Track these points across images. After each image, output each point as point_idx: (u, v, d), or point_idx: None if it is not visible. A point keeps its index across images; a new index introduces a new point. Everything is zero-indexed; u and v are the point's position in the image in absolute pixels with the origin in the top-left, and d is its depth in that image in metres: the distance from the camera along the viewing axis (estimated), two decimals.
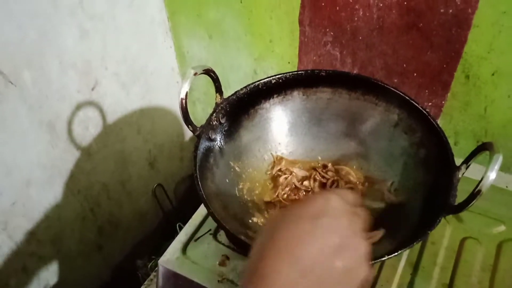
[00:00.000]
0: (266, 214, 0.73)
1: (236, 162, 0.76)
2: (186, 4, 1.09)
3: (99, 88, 1.03)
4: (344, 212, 0.41)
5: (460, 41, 0.77)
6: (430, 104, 0.88)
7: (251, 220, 0.71)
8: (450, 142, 0.64)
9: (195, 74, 0.64)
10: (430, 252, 0.72)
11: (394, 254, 0.53)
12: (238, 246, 0.75)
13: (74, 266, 1.13)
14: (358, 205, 0.45)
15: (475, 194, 0.51)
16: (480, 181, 0.51)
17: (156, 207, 1.38)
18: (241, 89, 0.74)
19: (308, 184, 0.77)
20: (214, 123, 0.71)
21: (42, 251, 1.03)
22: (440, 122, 0.89)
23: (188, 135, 1.44)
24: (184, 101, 0.64)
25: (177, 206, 1.46)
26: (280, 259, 0.38)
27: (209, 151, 0.70)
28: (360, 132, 0.78)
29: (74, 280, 1.15)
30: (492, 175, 0.50)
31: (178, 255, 0.75)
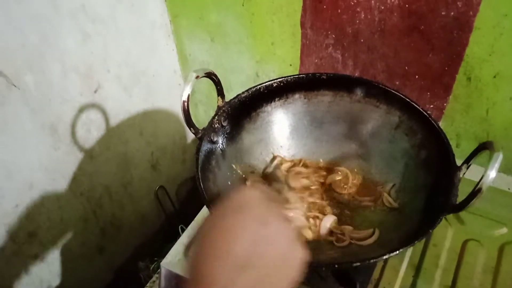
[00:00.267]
0: None
1: (238, 164, 0.76)
2: (188, 7, 1.10)
3: (101, 90, 1.03)
4: (262, 200, 0.42)
5: (462, 43, 0.77)
6: (431, 106, 0.88)
7: None
8: (452, 144, 0.64)
9: (197, 77, 0.65)
10: (432, 254, 0.72)
11: (395, 253, 0.53)
12: None
13: (76, 268, 1.14)
14: (274, 192, 0.46)
15: (476, 192, 0.52)
16: (481, 179, 0.51)
17: (158, 209, 1.39)
18: (242, 92, 0.75)
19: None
20: (216, 126, 0.72)
21: (44, 253, 1.03)
22: (441, 124, 0.89)
23: (190, 137, 1.44)
24: (186, 103, 0.64)
25: (179, 208, 1.46)
26: (214, 260, 0.38)
27: (211, 153, 0.70)
28: (361, 135, 0.78)
29: (76, 282, 1.15)
30: (492, 173, 0.51)
31: (180, 257, 0.76)
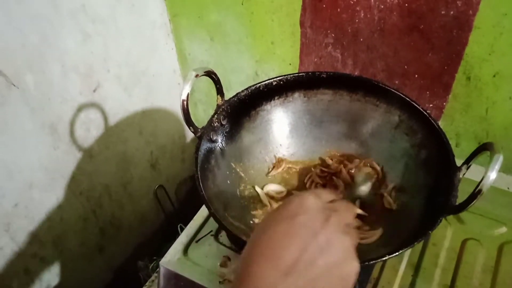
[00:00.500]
0: None
1: (237, 163, 0.76)
2: (188, 7, 1.10)
3: (101, 90, 1.03)
4: (320, 209, 0.41)
5: (461, 42, 0.77)
6: (431, 105, 0.88)
7: (252, 221, 0.71)
8: (452, 143, 0.64)
9: (197, 76, 0.65)
10: (431, 254, 0.73)
11: (395, 254, 0.53)
12: (239, 247, 0.75)
13: (76, 267, 1.14)
14: (336, 201, 0.45)
15: (476, 194, 0.51)
16: (481, 181, 0.51)
17: (158, 208, 1.39)
18: (242, 90, 0.74)
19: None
20: (215, 125, 0.72)
21: (44, 253, 1.03)
22: (441, 123, 0.89)
23: (190, 136, 1.44)
24: (185, 102, 0.64)
25: (178, 207, 1.46)
26: (262, 262, 0.38)
27: (210, 152, 0.70)
28: (361, 134, 0.78)
29: (76, 281, 1.15)
30: (492, 175, 0.50)
31: (179, 256, 0.76)
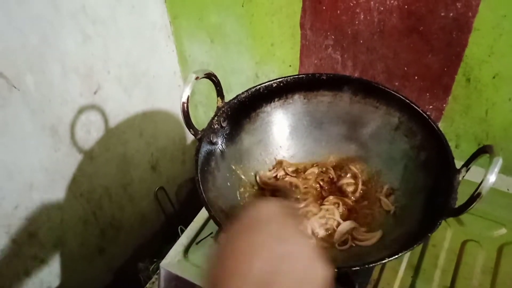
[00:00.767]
0: None
1: (237, 165, 0.76)
2: (188, 9, 1.10)
3: (101, 92, 1.03)
4: (279, 215, 0.41)
5: (461, 44, 0.77)
6: (431, 107, 0.88)
7: None
8: (451, 145, 0.64)
9: (197, 78, 0.65)
10: (431, 255, 0.73)
11: (394, 257, 0.53)
12: None
13: (76, 269, 1.14)
14: (292, 206, 0.44)
15: (475, 197, 0.52)
16: (480, 184, 0.51)
17: (158, 210, 1.39)
18: (242, 92, 0.75)
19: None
20: (216, 127, 0.72)
21: (44, 254, 1.03)
22: (441, 125, 0.89)
23: (190, 138, 1.44)
24: (185, 105, 0.64)
25: (179, 209, 1.46)
26: (231, 278, 0.36)
27: (210, 154, 0.70)
28: (361, 135, 0.78)
29: (76, 283, 1.15)
30: (491, 178, 0.51)
31: (179, 258, 0.76)
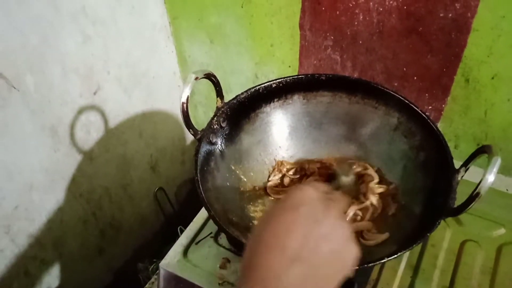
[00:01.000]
0: None
1: (237, 165, 0.76)
2: (188, 9, 1.10)
3: (101, 92, 1.04)
4: (320, 199, 0.44)
5: (460, 45, 0.77)
6: (430, 107, 0.88)
7: (251, 223, 0.71)
8: (451, 145, 0.64)
9: (196, 78, 0.65)
10: (430, 255, 0.73)
11: (393, 256, 0.53)
12: (239, 249, 0.75)
13: (76, 269, 1.14)
14: (331, 192, 0.48)
15: (474, 196, 0.52)
16: (479, 183, 0.51)
17: (158, 210, 1.39)
18: (241, 93, 0.75)
19: None
20: (215, 127, 0.72)
21: (44, 255, 1.03)
22: (440, 125, 0.89)
23: (190, 138, 1.44)
24: (185, 105, 0.64)
25: (178, 209, 1.46)
26: (269, 251, 0.40)
27: (210, 154, 0.70)
28: (360, 136, 0.79)
29: (76, 283, 1.15)
30: (490, 178, 0.51)
31: (179, 258, 0.76)
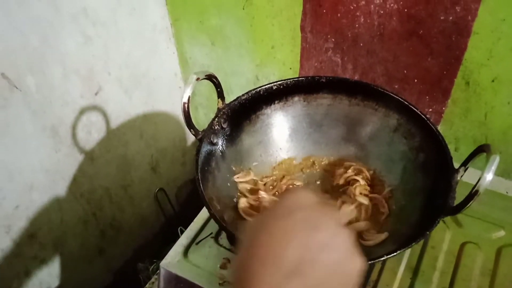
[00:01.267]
0: None
1: (237, 166, 0.76)
2: (189, 11, 1.11)
3: (102, 93, 1.04)
4: (317, 204, 0.39)
5: (460, 48, 0.78)
6: (430, 110, 0.88)
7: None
8: (451, 148, 0.64)
9: (198, 79, 0.65)
10: (430, 256, 0.73)
11: (393, 254, 0.54)
12: None
13: (76, 269, 1.14)
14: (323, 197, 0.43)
15: (473, 194, 0.52)
16: (477, 181, 0.52)
17: (158, 211, 1.39)
18: (242, 94, 0.75)
19: None
20: (216, 128, 0.72)
21: (44, 255, 1.03)
22: (440, 128, 0.89)
23: (190, 140, 1.44)
24: (186, 105, 0.65)
25: (178, 210, 1.46)
26: (262, 265, 0.35)
27: (210, 155, 0.71)
28: (360, 137, 0.79)
29: (76, 283, 1.15)
30: (489, 175, 0.51)
31: (179, 258, 0.76)
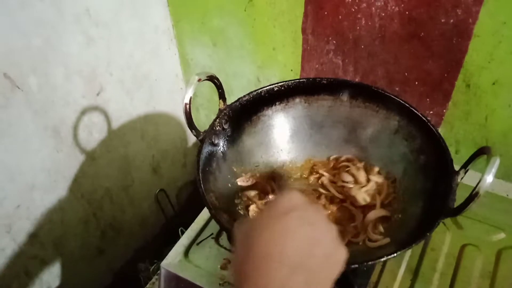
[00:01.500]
0: None
1: (238, 167, 0.77)
2: (191, 12, 1.11)
3: (103, 94, 1.04)
4: (308, 204, 0.44)
5: (461, 50, 0.78)
6: (431, 112, 0.89)
7: None
8: (451, 150, 0.64)
9: (199, 80, 0.65)
10: (430, 259, 0.73)
11: (393, 255, 0.54)
12: None
13: (76, 269, 1.14)
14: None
15: (473, 196, 0.52)
16: (478, 183, 0.52)
17: (159, 212, 1.39)
18: (244, 96, 0.75)
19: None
20: (217, 129, 0.72)
21: (44, 254, 1.03)
22: (441, 130, 0.90)
23: (191, 141, 1.44)
24: (188, 106, 0.65)
25: (179, 211, 1.46)
26: (266, 262, 0.38)
27: (212, 155, 0.71)
28: (361, 139, 0.79)
29: (76, 283, 1.15)
30: (489, 177, 0.51)
31: (180, 258, 0.76)
